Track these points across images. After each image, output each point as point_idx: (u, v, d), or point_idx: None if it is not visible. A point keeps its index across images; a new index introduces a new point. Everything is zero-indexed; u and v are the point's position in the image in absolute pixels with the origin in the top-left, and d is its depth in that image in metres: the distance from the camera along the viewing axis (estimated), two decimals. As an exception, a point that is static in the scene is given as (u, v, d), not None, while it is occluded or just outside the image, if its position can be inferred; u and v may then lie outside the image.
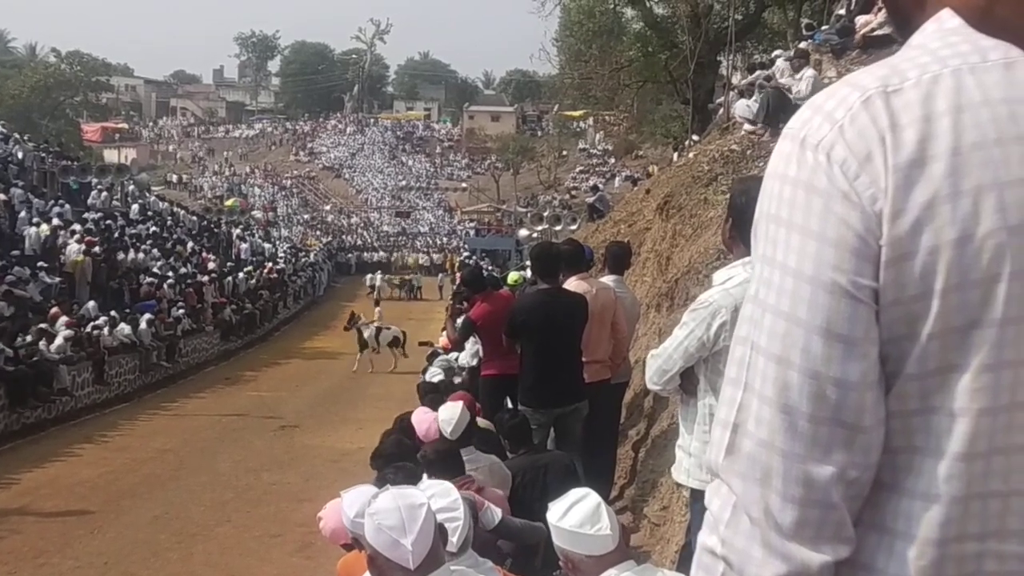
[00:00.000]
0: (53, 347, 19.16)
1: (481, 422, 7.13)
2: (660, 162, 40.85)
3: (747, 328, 1.16)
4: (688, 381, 3.93)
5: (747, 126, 13.02)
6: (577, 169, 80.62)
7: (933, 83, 1.10)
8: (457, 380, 10.00)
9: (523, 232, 39.85)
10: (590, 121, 76.35)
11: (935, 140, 1.08)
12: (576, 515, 3.38)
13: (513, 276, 10.86)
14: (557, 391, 7.14)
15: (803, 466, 1.10)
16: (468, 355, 11.25)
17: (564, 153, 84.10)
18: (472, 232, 67.75)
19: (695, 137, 23.51)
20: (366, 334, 27.23)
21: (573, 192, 69.30)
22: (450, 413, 6.11)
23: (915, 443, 1.11)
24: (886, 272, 1.08)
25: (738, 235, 3.87)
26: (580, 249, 8.46)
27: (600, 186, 40.73)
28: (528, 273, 11.07)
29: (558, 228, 36.51)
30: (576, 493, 3.52)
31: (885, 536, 1.12)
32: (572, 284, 7.53)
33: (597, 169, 78.27)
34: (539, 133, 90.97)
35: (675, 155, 27.62)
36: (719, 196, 10.71)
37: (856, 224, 1.09)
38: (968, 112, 1.08)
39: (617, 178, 67.33)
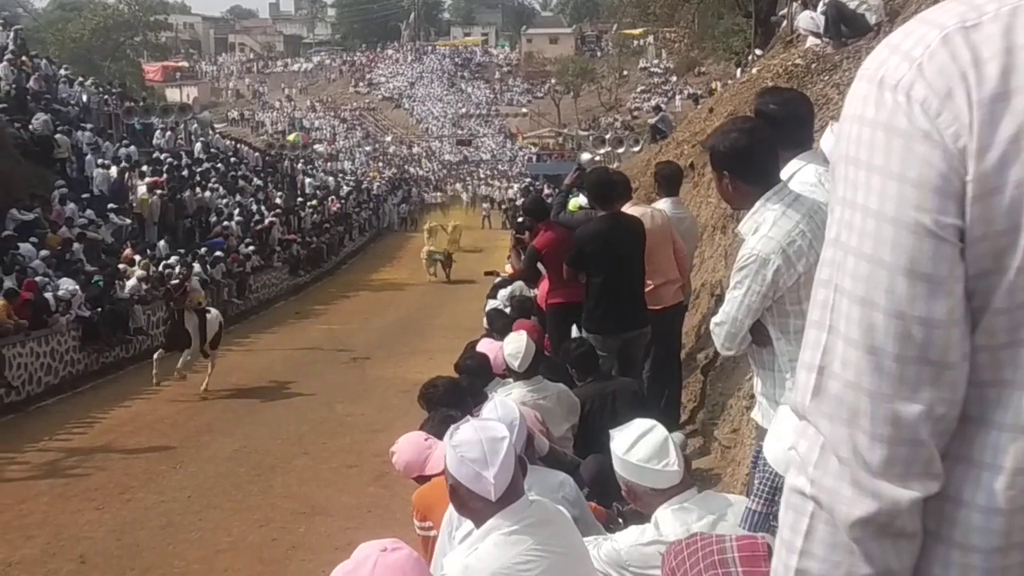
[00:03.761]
0: (127, 288, 19.56)
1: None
2: (723, 78, 40.12)
3: (829, 271, 1.17)
4: (758, 333, 3.87)
5: (811, 39, 12.67)
6: (638, 89, 79.59)
7: (1012, 15, 1.08)
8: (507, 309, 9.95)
9: (585, 156, 39.32)
10: (650, 39, 74.96)
11: (1018, 72, 1.06)
12: (643, 449, 3.38)
13: (574, 203, 10.77)
14: (626, 316, 7.17)
15: (891, 405, 1.11)
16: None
17: (624, 73, 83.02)
18: (534, 158, 67.38)
19: (758, 52, 23.03)
20: (189, 324, 15.72)
21: (635, 113, 68.48)
22: (515, 347, 6.12)
23: (1003, 376, 1.11)
24: (973, 208, 1.08)
25: (742, 183, 3.79)
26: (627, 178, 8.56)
27: (662, 106, 40.20)
28: (582, 200, 10.97)
29: (620, 150, 36.17)
30: (641, 425, 3.49)
31: (972, 468, 1.13)
32: (626, 210, 7.54)
33: (659, 88, 77.23)
34: (599, 54, 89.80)
35: (738, 71, 27.10)
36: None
37: (938, 163, 1.08)
38: None
39: (678, 96, 66.33)
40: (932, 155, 1.08)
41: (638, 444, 3.40)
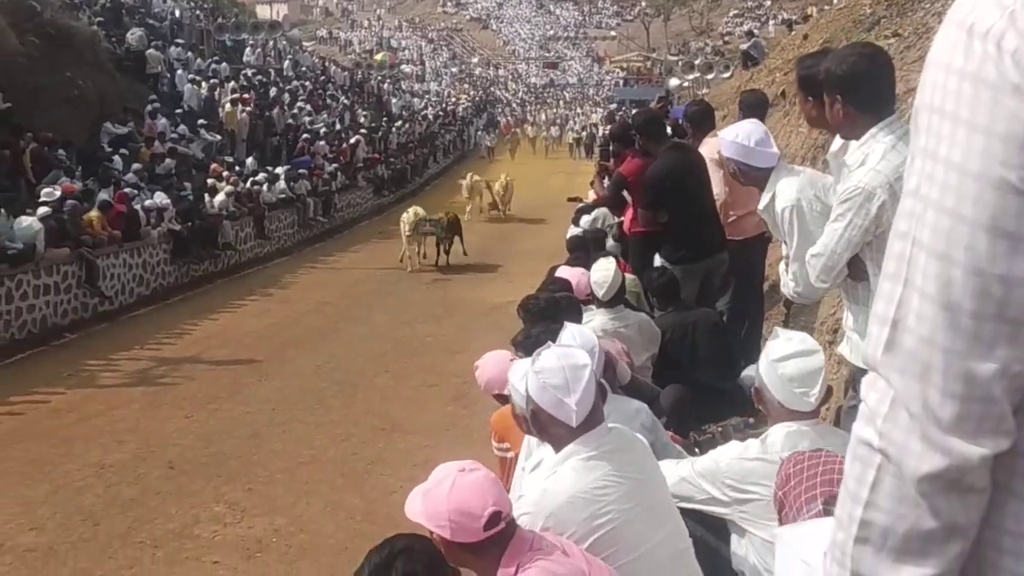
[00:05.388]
0: (216, 203, 19.93)
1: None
2: (819, 3, 39.01)
3: (907, 223, 1.13)
4: (854, 267, 3.81)
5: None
6: (731, 13, 77.81)
7: None
8: (610, 243, 9.95)
9: (674, 81, 38.79)
10: (745, -39, 73.04)
11: None
12: (794, 367, 3.32)
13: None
14: (708, 243, 7.17)
15: (965, 362, 1.08)
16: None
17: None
18: (621, 82, 66.49)
19: (857, -23, 22.27)
20: None
21: (726, 38, 67.04)
22: (603, 275, 6.12)
23: None
24: None
25: (854, 109, 3.68)
26: (710, 109, 8.62)
27: (755, 31, 39.23)
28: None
29: (710, 76, 35.54)
30: (804, 342, 3.43)
31: None
32: (710, 142, 7.49)
33: (752, 12, 75.40)
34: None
35: (835, -3, 26.26)
36: (882, 41, 10.20)
37: None
38: None
39: (772, 22, 64.70)
40: (1021, 109, 1.03)
41: (792, 360, 3.33)
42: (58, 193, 15.13)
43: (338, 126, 32.77)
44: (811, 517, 2.40)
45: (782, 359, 3.33)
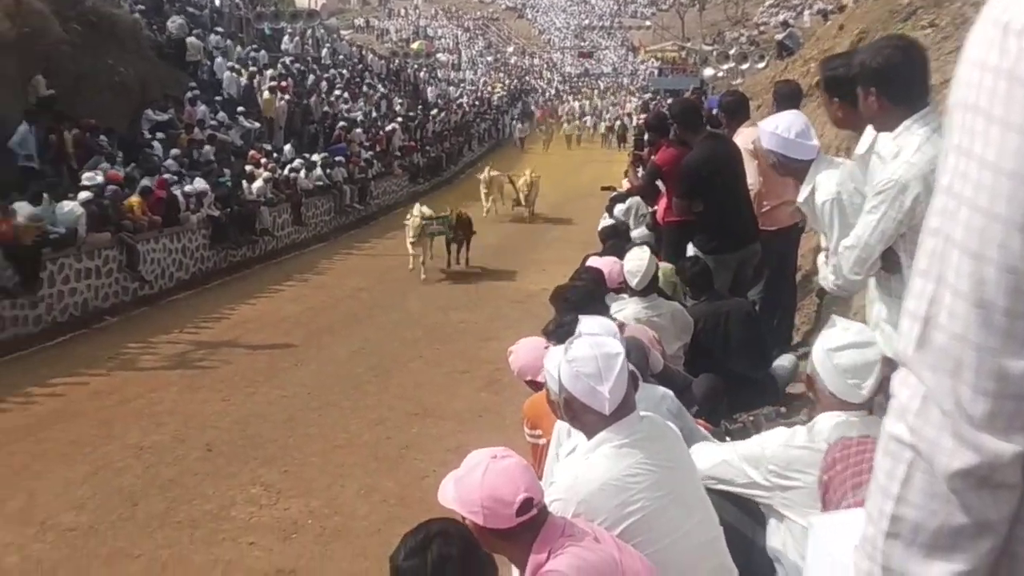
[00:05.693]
0: (254, 189, 20.10)
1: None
2: (857, -6, 38.56)
3: (939, 220, 1.13)
4: (887, 260, 3.82)
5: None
6: (766, 3, 76.92)
7: None
8: (634, 232, 9.97)
9: (708, 71, 38.63)
10: (783, -50, 72.16)
11: None
12: (849, 358, 3.29)
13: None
14: (742, 233, 7.19)
15: (997, 360, 1.08)
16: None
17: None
18: (655, 72, 66.14)
19: (896, -34, 22.04)
20: None
21: (762, 28, 66.34)
22: (636, 264, 6.16)
23: None
24: None
25: (889, 101, 3.69)
26: (745, 99, 8.63)
27: (790, 21, 38.92)
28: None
29: (745, 66, 35.33)
30: (861, 333, 3.40)
31: None
32: (744, 132, 7.51)
33: (787, 2, 74.61)
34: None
35: (874, -14, 25.97)
36: (918, 31, 10.14)
37: None
38: None
39: (807, 12, 64.14)
40: None
41: (848, 351, 3.29)
42: (100, 178, 15.35)
43: (374, 114, 32.88)
44: (856, 503, 2.40)
45: (838, 349, 3.30)
